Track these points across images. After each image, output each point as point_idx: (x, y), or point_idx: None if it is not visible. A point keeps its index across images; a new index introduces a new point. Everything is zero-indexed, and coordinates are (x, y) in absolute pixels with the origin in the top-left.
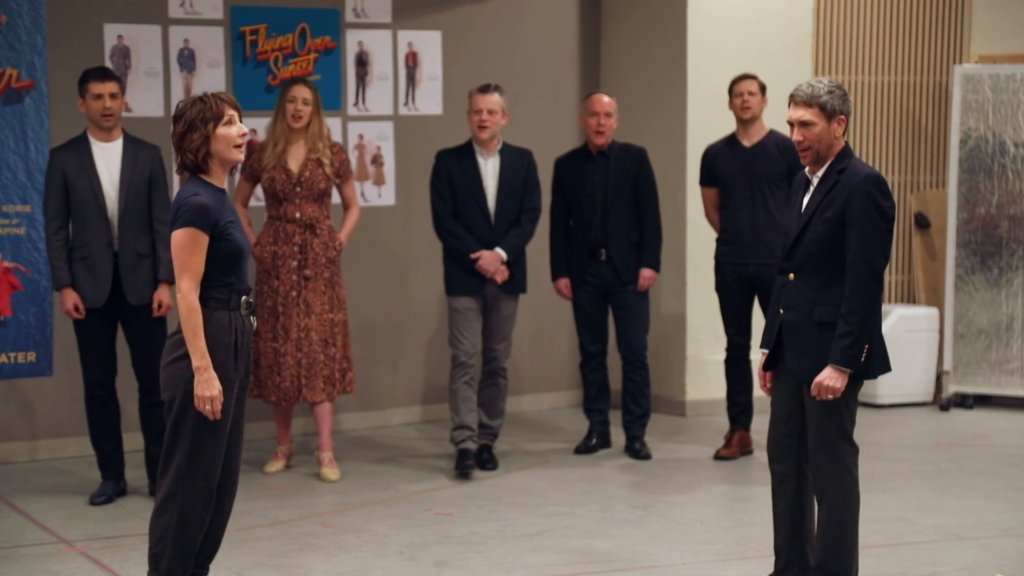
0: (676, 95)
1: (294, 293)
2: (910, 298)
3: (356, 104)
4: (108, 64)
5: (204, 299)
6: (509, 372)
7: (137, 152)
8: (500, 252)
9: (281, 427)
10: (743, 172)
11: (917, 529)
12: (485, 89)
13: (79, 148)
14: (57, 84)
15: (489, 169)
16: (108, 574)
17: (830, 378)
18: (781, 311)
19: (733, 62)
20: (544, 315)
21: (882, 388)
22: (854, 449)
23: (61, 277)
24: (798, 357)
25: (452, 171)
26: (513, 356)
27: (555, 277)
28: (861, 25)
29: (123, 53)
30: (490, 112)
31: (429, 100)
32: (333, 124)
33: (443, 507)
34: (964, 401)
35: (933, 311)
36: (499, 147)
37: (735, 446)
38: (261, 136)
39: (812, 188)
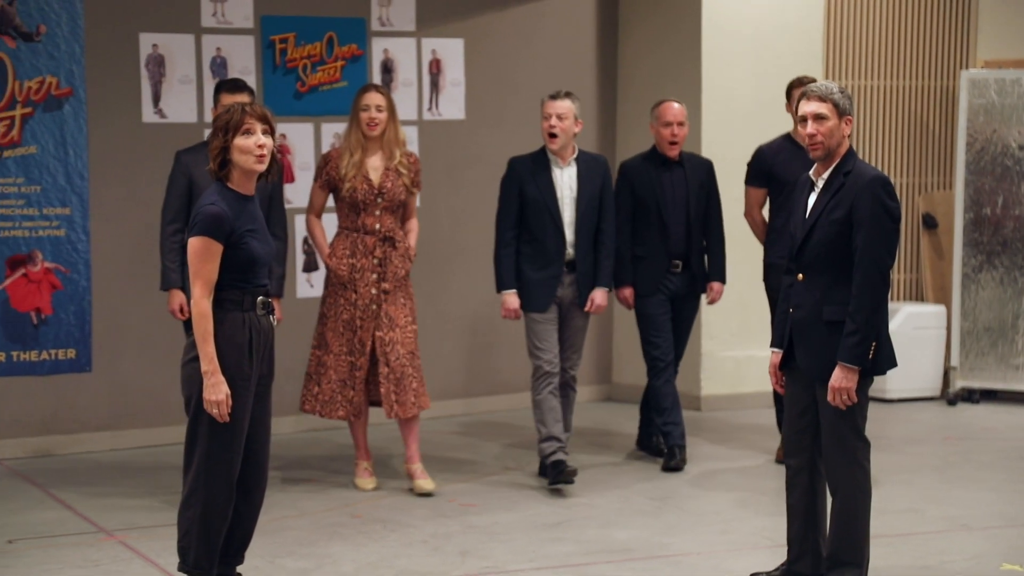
0: (690, 101)
1: (374, 307)
2: (918, 296)
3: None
4: (143, 72)
5: (219, 301)
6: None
7: None
8: (603, 290)
9: (361, 443)
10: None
11: (926, 520)
12: (555, 95)
13: (207, 154)
14: (95, 91)
15: (565, 179)
16: (144, 562)
17: (842, 378)
18: (791, 310)
19: (746, 69)
20: None
21: (891, 383)
22: (866, 444)
23: (173, 279)
24: (809, 356)
25: (524, 180)
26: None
27: (620, 285)
28: (870, 32)
29: (158, 61)
30: (559, 118)
31: (452, 105)
32: None
33: (467, 498)
34: (971, 396)
35: (940, 309)
36: (575, 155)
37: None
38: (301, 142)
39: (817, 190)
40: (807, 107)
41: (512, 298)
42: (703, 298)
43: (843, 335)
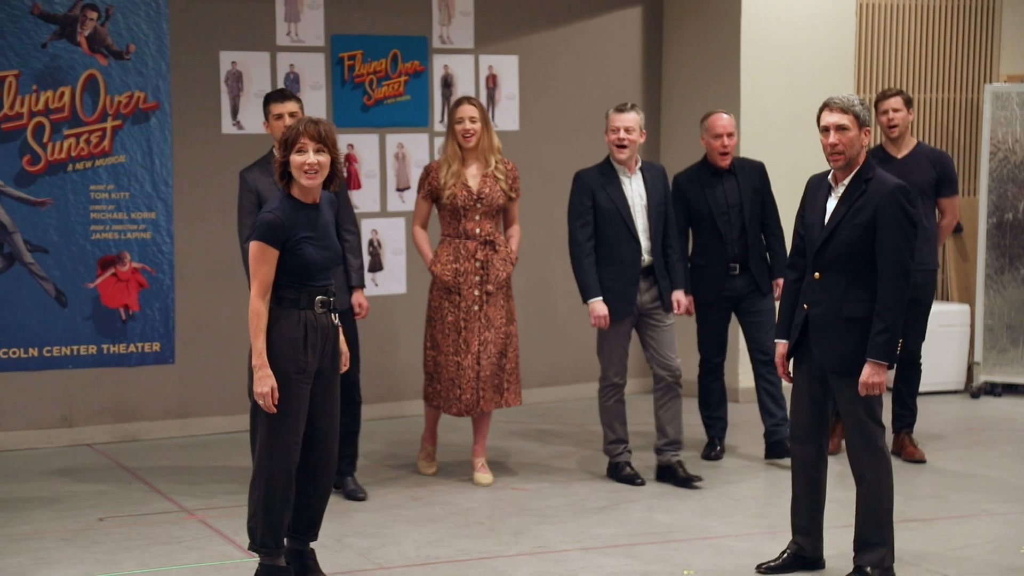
0: (729, 111)
1: (476, 308)
2: (944, 296)
3: (442, 121)
4: (223, 87)
5: (278, 299)
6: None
7: None
8: (682, 291)
9: (431, 429)
10: None
11: (951, 505)
12: (622, 108)
13: (269, 168)
14: (179, 105)
15: (634, 187)
16: (222, 539)
17: (873, 375)
18: (806, 306)
19: (781, 83)
20: None
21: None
22: (882, 429)
23: None
24: (826, 349)
25: (596, 192)
26: (580, 346)
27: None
28: (899, 47)
29: (236, 77)
30: (627, 130)
31: (507, 117)
32: (421, 139)
33: (520, 483)
34: (993, 389)
35: (965, 307)
36: (639, 164)
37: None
38: (367, 152)
39: (837, 195)
40: (830, 118)
41: (600, 305)
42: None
43: (872, 333)
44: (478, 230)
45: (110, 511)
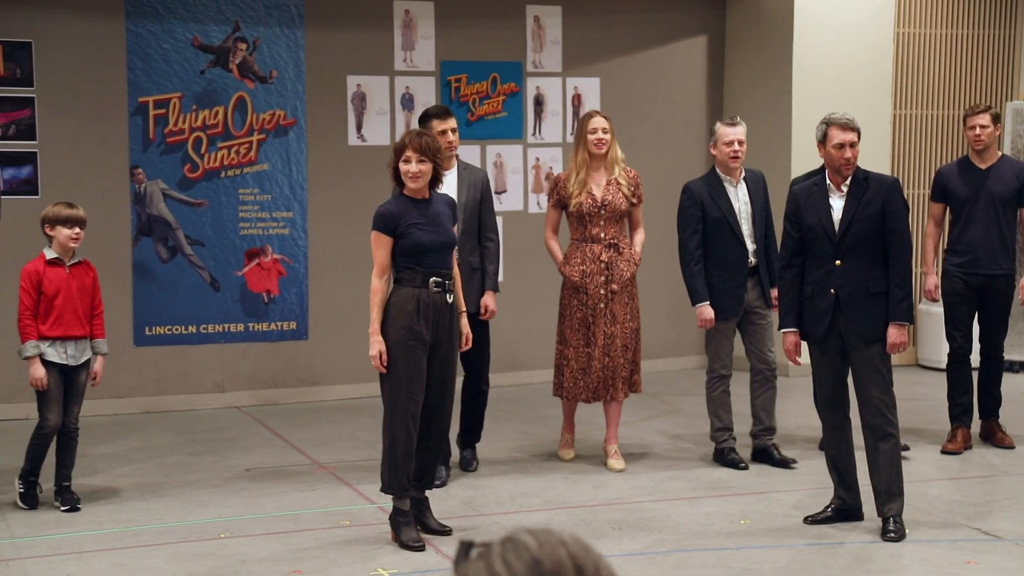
0: (782, 130)
1: (602, 305)
2: None
3: (534, 134)
4: (349, 106)
5: (398, 280)
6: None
7: (469, 176)
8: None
9: (569, 419)
10: (978, 192)
11: (973, 466)
12: (732, 122)
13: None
14: (313, 121)
15: (740, 195)
16: (348, 488)
17: (899, 335)
18: (833, 291)
19: (830, 102)
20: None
21: (945, 355)
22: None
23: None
24: (859, 322)
25: (704, 202)
26: (654, 323)
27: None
28: (932, 72)
29: (360, 97)
30: (740, 143)
31: None
32: (516, 150)
33: (602, 444)
34: (1012, 366)
35: None
36: (743, 174)
37: (960, 442)
38: (470, 161)
39: (842, 195)
40: (846, 136)
41: (707, 309)
42: None
43: (895, 301)
44: (603, 234)
45: (255, 463)
